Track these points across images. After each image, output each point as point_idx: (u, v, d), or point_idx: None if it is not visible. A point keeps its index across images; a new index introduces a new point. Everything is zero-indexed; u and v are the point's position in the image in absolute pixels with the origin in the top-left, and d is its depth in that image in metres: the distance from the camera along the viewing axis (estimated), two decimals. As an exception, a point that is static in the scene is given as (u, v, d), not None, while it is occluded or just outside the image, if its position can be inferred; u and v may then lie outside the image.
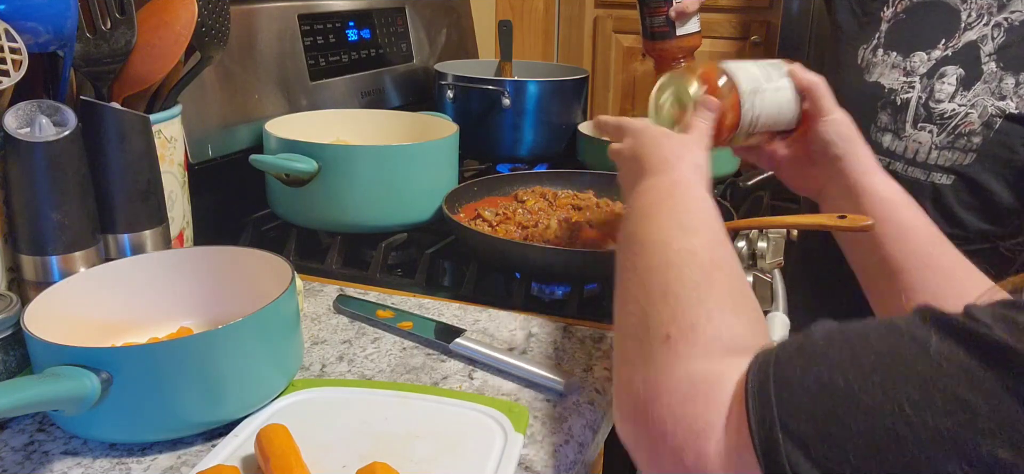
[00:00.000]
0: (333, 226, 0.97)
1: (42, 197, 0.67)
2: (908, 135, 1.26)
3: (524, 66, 1.49)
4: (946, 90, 1.22)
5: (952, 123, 1.22)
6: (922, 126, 1.25)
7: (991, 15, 1.21)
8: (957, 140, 1.23)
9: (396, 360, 0.74)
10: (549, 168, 1.31)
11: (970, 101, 1.21)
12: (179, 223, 0.85)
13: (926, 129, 1.25)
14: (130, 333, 0.70)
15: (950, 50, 1.23)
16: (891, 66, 1.27)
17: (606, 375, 0.71)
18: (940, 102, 1.23)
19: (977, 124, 1.21)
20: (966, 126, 1.22)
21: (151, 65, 0.78)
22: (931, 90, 1.23)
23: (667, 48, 1.18)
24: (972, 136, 1.22)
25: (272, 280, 0.68)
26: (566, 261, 0.84)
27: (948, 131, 1.23)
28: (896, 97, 1.27)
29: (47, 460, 0.59)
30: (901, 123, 1.26)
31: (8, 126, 0.66)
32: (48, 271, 0.69)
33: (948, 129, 1.23)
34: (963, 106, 1.22)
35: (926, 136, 1.25)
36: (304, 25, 1.16)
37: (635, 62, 2.10)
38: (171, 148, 0.82)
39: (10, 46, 0.64)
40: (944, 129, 1.23)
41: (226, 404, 0.61)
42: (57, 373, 0.55)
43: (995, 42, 1.20)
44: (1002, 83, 1.20)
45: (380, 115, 1.17)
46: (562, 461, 0.60)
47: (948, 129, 1.23)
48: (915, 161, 1.27)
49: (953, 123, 1.22)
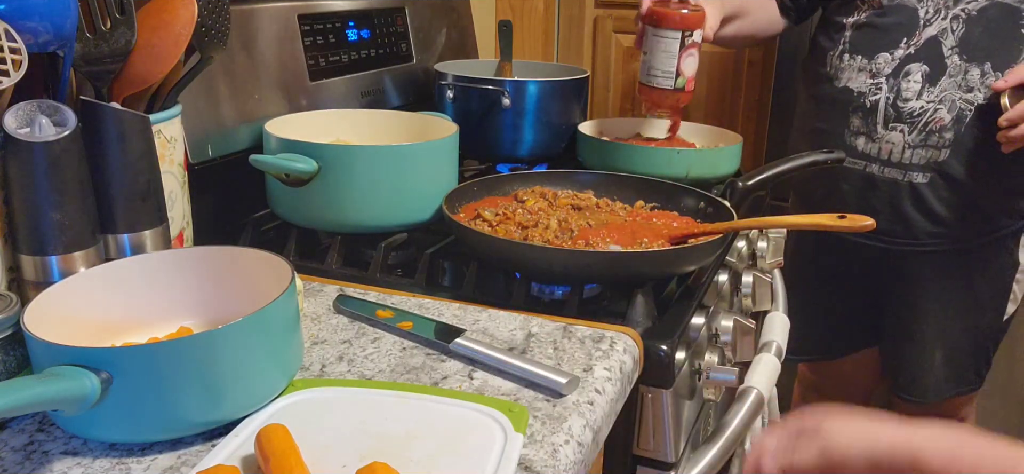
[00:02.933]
0: (333, 226, 0.97)
1: (42, 197, 0.67)
2: (880, 136, 1.27)
3: (524, 66, 1.49)
4: (913, 88, 1.23)
5: (922, 121, 1.23)
6: (893, 126, 1.25)
7: (948, 9, 1.21)
8: (929, 137, 1.24)
9: (396, 360, 0.74)
10: (549, 168, 1.31)
11: (938, 97, 1.22)
12: (179, 223, 0.85)
13: (897, 129, 1.25)
14: (130, 333, 0.70)
15: (912, 48, 1.23)
16: (857, 69, 1.28)
17: (606, 375, 0.71)
18: (908, 100, 1.23)
19: (948, 119, 1.22)
20: (937, 122, 1.22)
21: (151, 65, 0.78)
22: (898, 89, 1.24)
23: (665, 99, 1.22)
24: (944, 132, 1.23)
25: (272, 280, 0.68)
26: (566, 261, 0.84)
27: (919, 129, 1.24)
28: (865, 100, 1.27)
29: (47, 460, 0.59)
30: (873, 125, 1.27)
31: (8, 126, 0.66)
32: (48, 271, 0.69)
33: (919, 127, 1.24)
34: (932, 103, 1.22)
35: (898, 136, 1.25)
36: (304, 25, 1.16)
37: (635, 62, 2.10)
38: (171, 148, 0.82)
39: (10, 46, 0.64)
40: (915, 127, 1.24)
41: (226, 404, 0.61)
42: (57, 373, 0.55)
43: (955, 35, 1.20)
44: (967, 76, 1.20)
45: (380, 115, 1.17)
46: (562, 461, 0.60)
47: (919, 127, 1.24)
48: (890, 162, 1.27)
49: (923, 121, 1.23)
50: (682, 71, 1.20)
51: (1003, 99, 1.14)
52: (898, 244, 1.32)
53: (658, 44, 1.19)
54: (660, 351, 0.78)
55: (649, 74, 1.22)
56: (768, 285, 1.11)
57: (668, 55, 1.19)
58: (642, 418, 0.81)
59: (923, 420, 0.61)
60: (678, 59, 1.19)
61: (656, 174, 1.14)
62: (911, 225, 1.29)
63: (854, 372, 1.59)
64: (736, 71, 1.97)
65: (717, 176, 1.24)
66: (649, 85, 1.22)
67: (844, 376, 1.61)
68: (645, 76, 1.23)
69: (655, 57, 1.20)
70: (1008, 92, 1.14)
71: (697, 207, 1.02)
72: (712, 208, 1.00)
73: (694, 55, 1.20)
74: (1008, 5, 1.17)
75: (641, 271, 0.85)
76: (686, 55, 1.19)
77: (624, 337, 0.78)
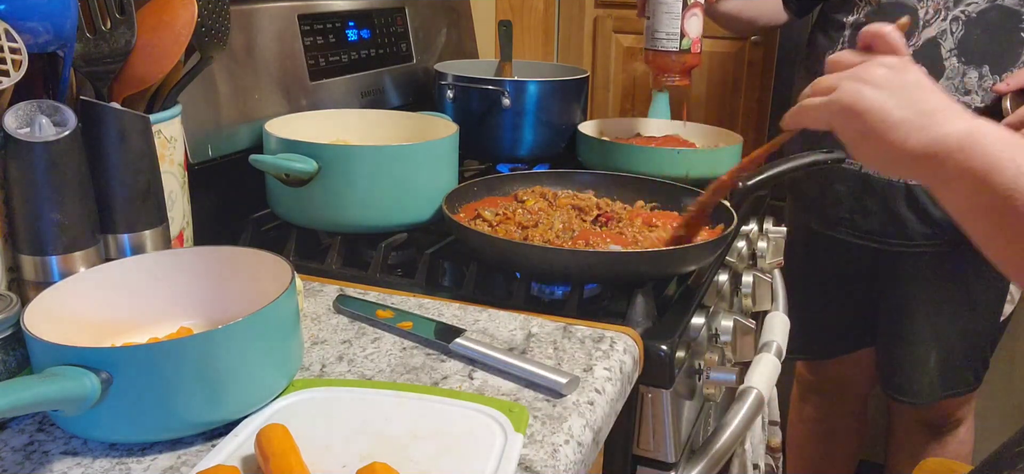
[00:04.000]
0: (333, 226, 0.97)
1: (42, 197, 0.67)
2: None
3: (524, 66, 1.49)
4: None
5: None
6: None
7: (948, 10, 1.20)
8: None
9: (396, 360, 0.74)
10: (549, 168, 1.31)
11: None
12: (179, 223, 0.85)
13: None
14: (130, 333, 0.70)
15: (911, 49, 1.23)
16: None
17: (606, 375, 0.71)
18: None
19: None
20: None
21: (151, 65, 0.78)
22: None
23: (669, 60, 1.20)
24: None
25: (272, 280, 0.68)
26: (566, 261, 0.84)
27: None
28: None
29: (47, 460, 0.59)
30: None
31: (8, 126, 0.66)
32: (48, 271, 0.69)
33: None
34: None
35: None
36: (304, 25, 1.16)
37: (635, 62, 2.10)
38: (171, 148, 0.82)
39: (10, 46, 0.64)
40: None
41: (226, 404, 0.61)
42: (57, 373, 0.55)
43: (954, 37, 1.19)
44: (965, 78, 1.20)
45: (380, 115, 1.17)
46: (562, 461, 0.60)
47: None
48: None
49: None
50: (686, 31, 1.18)
51: (1005, 102, 1.14)
52: (892, 245, 1.32)
53: (660, 5, 1.18)
54: (660, 351, 0.78)
55: (653, 38, 1.20)
56: (768, 285, 1.11)
57: (671, 16, 1.18)
58: (642, 418, 0.81)
59: (917, 415, 0.62)
60: (681, 19, 1.18)
61: (656, 174, 1.14)
62: (905, 226, 1.29)
63: (852, 373, 1.59)
64: (736, 71, 1.97)
65: (717, 176, 1.23)
66: (654, 49, 1.21)
67: (842, 377, 1.61)
68: (650, 40, 1.21)
69: (658, 20, 1.19)
70: (1010, 96, 1.14)
71: (697, 207, 1.02)
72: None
73: (698, 16, 1.19)
74: (1008, 8, 1.17)
75: (641, 271, 0.85)
76: (689, 15, 1.18)
77: (624, 337, 0.78)
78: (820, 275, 1.51)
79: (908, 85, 0.61)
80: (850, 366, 1.58)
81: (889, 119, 0.61)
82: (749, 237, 1.16)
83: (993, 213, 0.57)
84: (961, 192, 0.59)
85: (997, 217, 0.57)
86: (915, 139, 0.60)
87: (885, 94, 0.61)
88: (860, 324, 1.51)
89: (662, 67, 1.22)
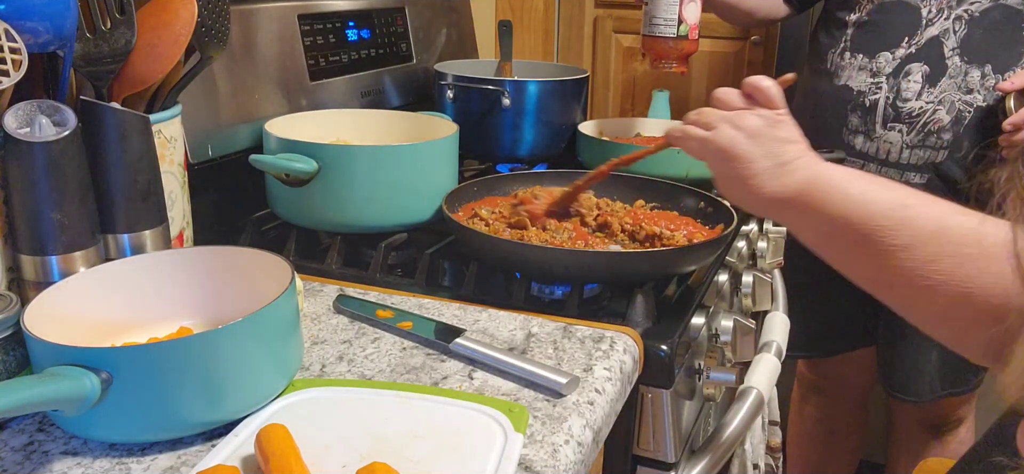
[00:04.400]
0: (333, 226, 0.97)
1: (42, 197, 0.67)
2: (879, 136, 1.26)
3: (524, 66, 1.49)
4: (912, 88, 1.22)
5: (921, 121, 1.23)
6: (892, 126, 1.25)
7: (951, 9, 1.20)
8: (927, 138, 1.23)
9: (396, 360, 0.74)
10: (549, 168, 1.31)
11: (937, 98, 1.21)
12: (179, 223, 0.85)
13: (896, 129, 1.25)
14: (130, 333, 0.70)
15: (914, 47, 1.22)
16: (858, 68, 1.28)
17: (606, 375, 0.71)
18: (907, 101, 1.23)
19: (946, 121, 1.21)
20: (935, 123, 1.22)
21: (151, 65, 0.78)
22: (898, 89, 1.23)
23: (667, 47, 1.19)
24: (942, 133, 1.22)
25: (272, 280, 0.68)
26: (566, 261, 0.84)
27: (917, 129, 1.23)
28: (864, 99, 1.27)
29: (47, 460, 0.59)
30: (871, 124, 1.27)
31: (8, 126, 0.66)
32: (48, 271, 0.69)
33: (917, 128, 1.23)
34: (931, 103, 1.22)
35: (896, 136, 1.25)
36: (304, 25, 1.16)
37: (635, 62, 2.10)
38: (171, 148, 0.82)
39: (10, 46, 0.64)
40: (914, 128, 1.23)
41: (226, 404, 0.61)
42: (57, 373, 0.55)
43: (957, 36, 1.19)
44: (968, 77, 1.20)
45: (380, 115, 1.17)
46: (562, 461, 0.60)
47: (917, 128, 1.23)
48: (887, 162, 1.27)
49: (922, 121, 1.22)
50: (684, 17, 1.18)
51: (1008, 101, 1.14)
52: None
53: None
54: (660, 351, 0.78)
55: (651, 24, 1.20)
56: (768, 285, 1.11)
57: (669, 2, 1.17)
58: (642, 418, 0.81)
59: (918, 414, 0.63)
60: (679, 5, 1.17)
61: (656, 174, 1.14)
62: None
63: (853, 372, 1.59)
64: (736, 71, 1.97)
65: (708, 177, 1.24)
66: (652, 35, 1.20)
67: (843, 376, 1.61)
68: (647, 27, 1.20)
69: (656, 6, 1.18)
70: (1013, 95, 1.14)
71: (697, 207, 1.02)
72: (712, 208, 1.00)
73: (696, 2, 1.18)
74: (1012, 8, 1.17)
75: (641, 271, 0.85)
76: (688, 1, 1.17)
77: (624, 337, 0.78)
78: (820, 274, 1.50)
79: (775, 139, 0.69)
80: (851, 365, 1.58)
81: (751, 168, 0.68)
82: (749, 237, 1.16)
83: (836, 238, 0.65)
84: (808, 227, 0.68)
85: (840, 240, 0.65)
86: (768, 187, 0.68)
87: (753, 144, 0.68)
88: (861, 323, 1.51)
89: (660, 53, 1.22)
